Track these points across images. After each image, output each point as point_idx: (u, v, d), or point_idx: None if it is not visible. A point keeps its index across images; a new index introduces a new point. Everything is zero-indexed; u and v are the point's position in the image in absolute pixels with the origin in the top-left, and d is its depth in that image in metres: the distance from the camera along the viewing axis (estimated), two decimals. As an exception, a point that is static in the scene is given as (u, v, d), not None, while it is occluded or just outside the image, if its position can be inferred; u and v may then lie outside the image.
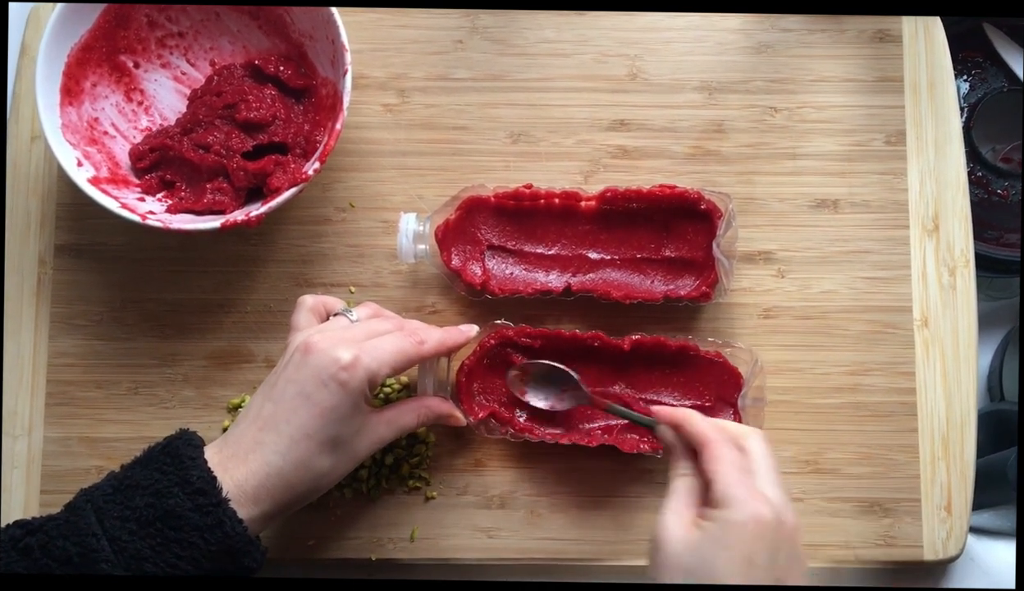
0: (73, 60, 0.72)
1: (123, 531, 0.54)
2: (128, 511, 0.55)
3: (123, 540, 0.54)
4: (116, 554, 0.53)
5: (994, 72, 0.86)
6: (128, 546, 0.54)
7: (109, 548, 0.53)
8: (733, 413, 0.70)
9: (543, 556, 0.72)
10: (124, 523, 0.54)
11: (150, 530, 0.54)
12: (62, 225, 0.77)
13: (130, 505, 0.55)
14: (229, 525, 0.55)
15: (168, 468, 0.56)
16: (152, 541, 0.54)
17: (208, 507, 0.55)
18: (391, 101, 0.78)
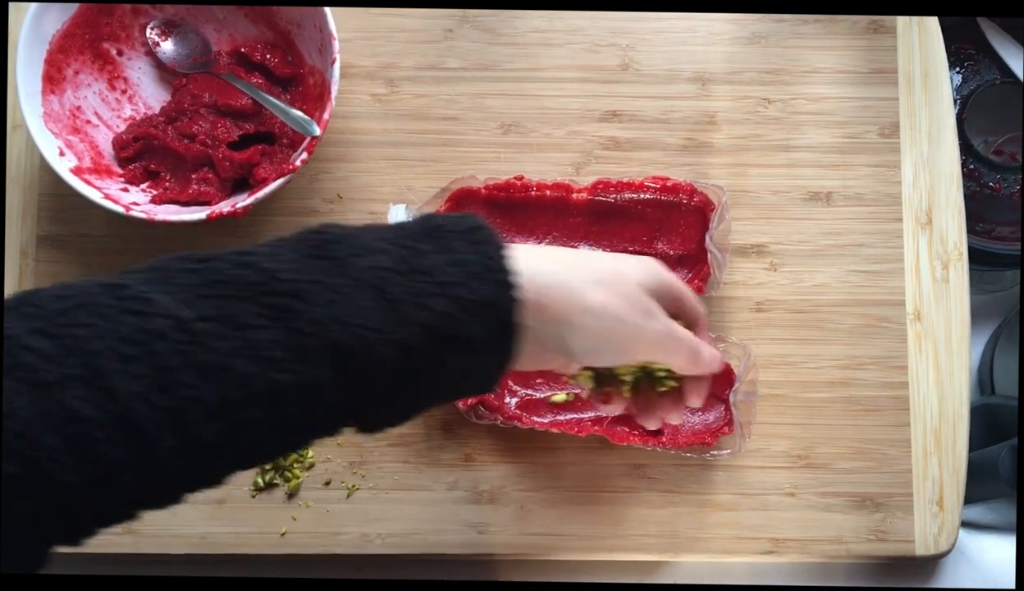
0: (55, 48, 0.71)
1: (405, 332, 0.43)
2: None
3: (406, 343, 0.43)
4: None
5: (987, 64, 0.86)
6: (408, 351, 0.43)
7: (389, 351, 0.43)
8: (725, 408, 0.69)
9: (534, 551, 0.72)
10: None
11: None
12: (44, 216, 0.76)
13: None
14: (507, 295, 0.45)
15: (470, 258, 0.45)
16: None
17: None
18: (380, 91, 0.77)
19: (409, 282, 0.43)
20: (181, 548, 0.72)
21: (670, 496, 0.72)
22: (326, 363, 0.41)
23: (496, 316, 0.45)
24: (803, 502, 0.72)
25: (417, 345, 0.43)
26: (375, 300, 0.42)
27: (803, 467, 0.72)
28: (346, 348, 0.41)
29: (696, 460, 0.72)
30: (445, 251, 0.45)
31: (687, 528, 0.72)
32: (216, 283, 0.41)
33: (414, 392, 0.46)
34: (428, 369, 0.45)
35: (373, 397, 0.44)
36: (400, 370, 0.43)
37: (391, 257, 0.44)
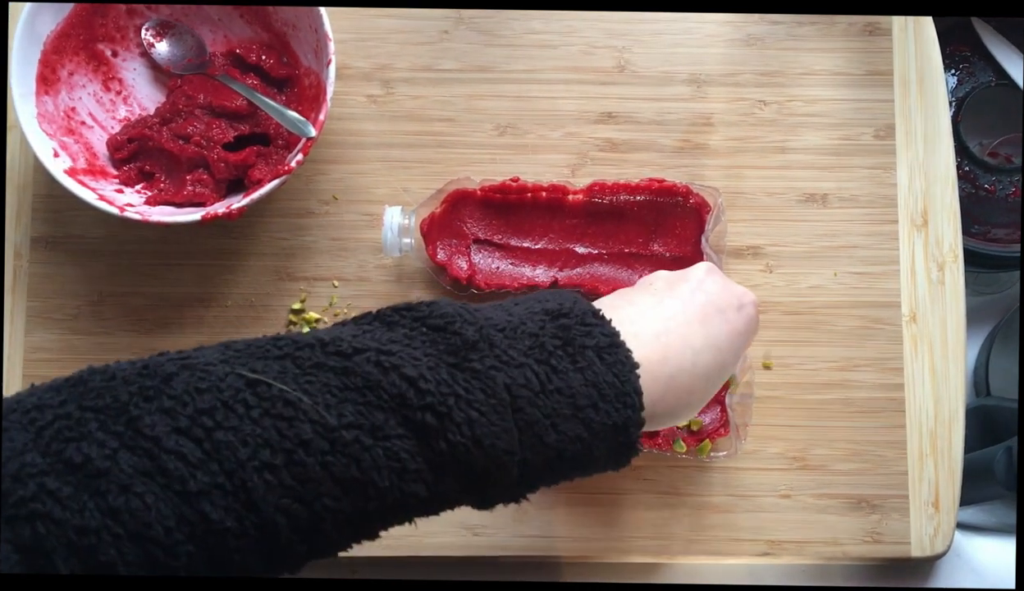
0: (49, 48, 0.70)
1: (535, 453, 0.44)
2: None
3: (533, 463, 0.44)
4: None
5: (982, 66, 0.86)
6: (535, 469, 0.45)
7: (517, 471, 0.44)
8: (721, 410, 0.69)
9: (530, 554, 0.71)
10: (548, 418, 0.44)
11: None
12: (38, 217, 0.75)
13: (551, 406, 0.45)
14: (634, 397, 0.46)
15: (604, 379, 0.46)
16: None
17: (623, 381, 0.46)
18: (375, 92, 0.77)
19: (545, 402, 0.44)
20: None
21: (666, 498, 0.72)
22: (457, 477, 0.42)
23: (622, 438, 0.46)
24: (799, 504, 0.72)
25: (543, 464, 0.44)
26: (511, 421, 0.43)
27: (799, 469, 0.72)
28: (479, 467, 0.42)
29: (692, 462, 0.72)
30: (580, 371, 0.45)
31: (683, 530, 0.72)
32: (361, 388, 0.41)
33: (526, 491, 0.46)
34: (548, 478, 0.46)
35: (489, 498, 0.45)
36: (522, 481, 0.45)
37: (529, 373, 0.44)
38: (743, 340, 0.54)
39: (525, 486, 0.45)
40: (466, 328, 0.44)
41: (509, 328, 0.45)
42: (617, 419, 0.45)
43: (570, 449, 0.44)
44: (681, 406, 0.50)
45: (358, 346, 0.42)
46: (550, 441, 0.44)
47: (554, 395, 0.44)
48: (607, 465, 0.47)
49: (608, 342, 0.46)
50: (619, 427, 0.45)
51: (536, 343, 0.45)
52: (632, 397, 0.46)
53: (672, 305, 0.52)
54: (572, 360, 0.45)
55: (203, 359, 0.41)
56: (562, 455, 0.44)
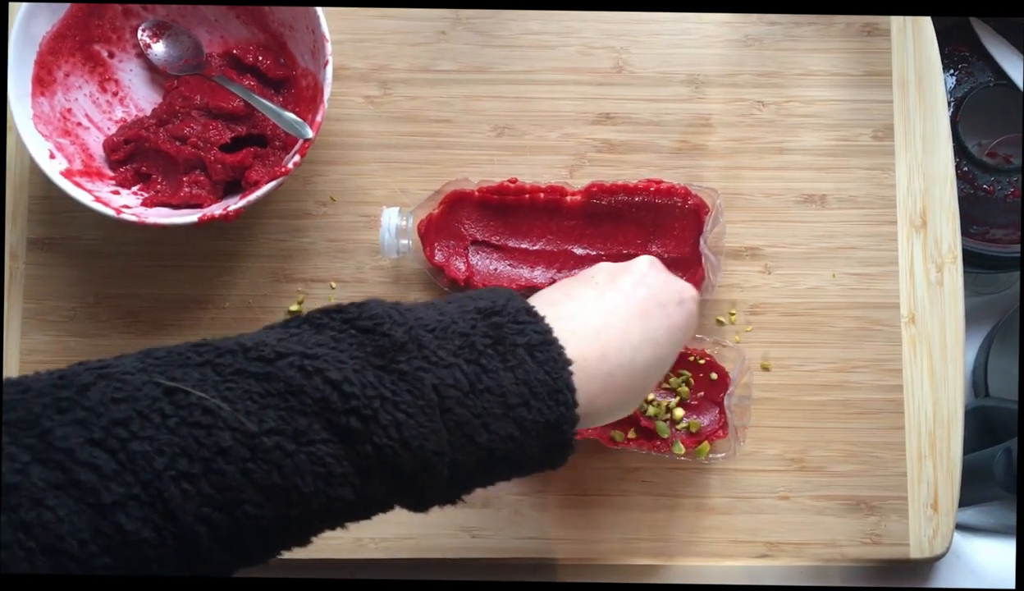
0: (45, 49, 0.70)
1: (466, 453, 0.44)
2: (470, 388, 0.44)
3: (464, 463, 0.44)
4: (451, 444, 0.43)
5: (980, 66, 0.86)
6: (466, 469, 0.44)
7: (447, 471, 0.43)
8: (719, 411, 0.69)
9: (528, 556, 0.71)
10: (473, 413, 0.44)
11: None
12: (34, 218, 0.75)
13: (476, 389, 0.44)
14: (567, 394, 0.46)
15: (535, 377, 0.45)
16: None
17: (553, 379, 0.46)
18: (373, 93, 0.77)
19: (475, 402, 0.43)
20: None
21: (664, 500, 0.72)
22: (385, 480, 0.42)
23: (555, 436, 0.46)
24: (797, 505, 0.72)
25: (474, 464, 0.44)
26: (439, 422, 0.42)
27: (797, 470, 0.72)
28: (407, 470, 0.42)
29: (690, 464, 0.72)
30: (510, 369, 0.45)
31: (681, 532, 0.71)
32: (282, 393, 0.40)
33: (460, 492, 0.46)
34: (480, 479, 0.46)
35: (423, 500, 0.45)
36: (453, 481, 0.44)
37: (458, 373, 0.43)
38: (682, 335, 0.54)
39: (458, 487, 0.45)
40: (395, 329, 0.43)
41: (439, 328, 0.45)
42: (550, 417, 0.45)
43: (502, 448, 0.44)
44: (619, 402, 0.50)
45: (281, 351, 0.41)
46: (481, 441, 0.43)
47: (484, 395, 0.44)
48: (543, 464, 0.47)
49: (540, 340, 0.46)
50: (552, 425, 0.45)
51: (466, 342, 0.45)
52: (564, 394, 0.45)
53: (613, 299, 0.51)
54: (503, 359, 0.45)
55: (121, 368, 0.40)
56: (494, 454, 0.44)
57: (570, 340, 0.47)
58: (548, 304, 0.50)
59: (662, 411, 0.69)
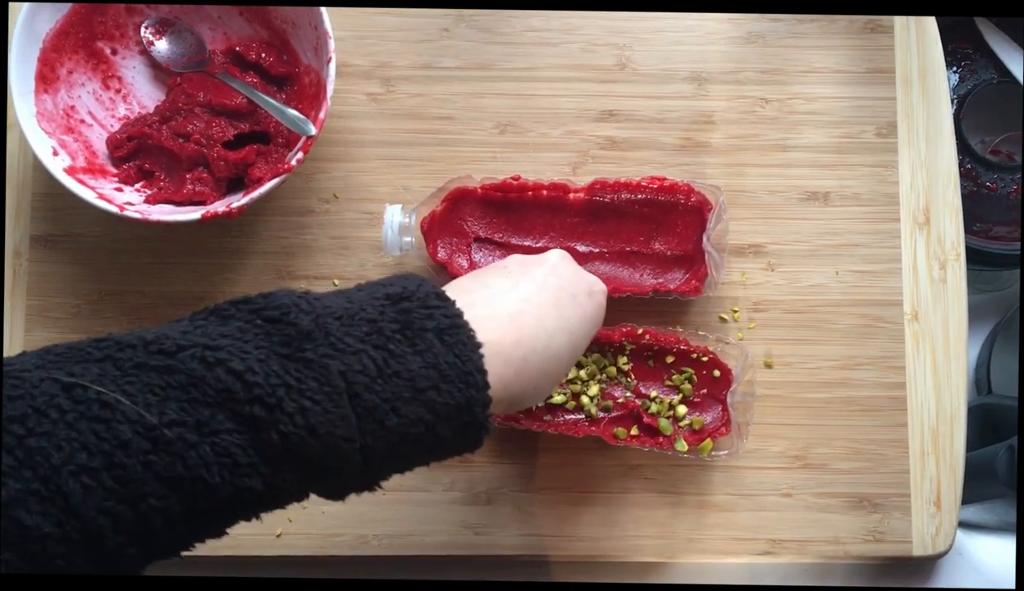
0: (49, 46, 0.70)
1: (376, 438, 0.43)
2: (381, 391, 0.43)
3: (375, 448, 0.43)
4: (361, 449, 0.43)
5: (984, 64, 0.86)
6: (378, 454, 0.43)
7: (358, 457, 0.43)
8: (722, 409, 0.69)
9: (530, 553, 0.71)
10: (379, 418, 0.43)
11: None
12: (37, 215, 0.75)
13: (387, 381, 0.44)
14: (480, 387, 0.46)
15: (444, 360, 0.45)
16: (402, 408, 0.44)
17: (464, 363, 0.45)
18: (376, 90, 0.77)
19: (383, 387, 0.43)
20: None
21: (667, 497, 0.72)
22: (295, 469, 0.41)
23: (467, 418, 0.45)
24: (800, 503, 0.72)
25: (386, 449, 0.43)
26: (348, 409, 0.42)
27: (800, 468, 0.72)
28: (315, 457, 0.41)
29: (693, 461, 0.72)
30: (419, 353, 0.44)
31: (684, 529, 0.71)
32: (184, 385, 0.40)
33: (379, 477, 0.46)
34: (393, 463, 0.45)
35: (337, 488, 0.45)
36: (366, 467, 0.43)
37: (365, 359, 0.43)
38: (593, 325, 0.55)
39: (372, 473, 0.44)
40: (301, 318, 0.43)
41: (347, 316, 0.44)
42: (460, 399, 0.44)
43: (413, 432, 0.44)
44: (533, 387, 0.50)
45: (183, 343, 0.41)
46: (391, 425, 0.43)
47: (393, 379, 0.43)
48: (457, 446, 0.47)
49: (449, 323, 0.46)
50: (463, 407, 0.45)
51: (374, 328, 0.44)
52: (475, 376, 0.45)
53: (527, 288, 0.52)
54: (411, 343, 0.44)
55: (19, 365, 0.40)
56: (405, 438, 0.43)
57: (486, 325, 0.47)
58: (462, 291, 0.50)
59: (665, 408, 0.69)
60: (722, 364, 0.70)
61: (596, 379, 0.70)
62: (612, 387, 0.70)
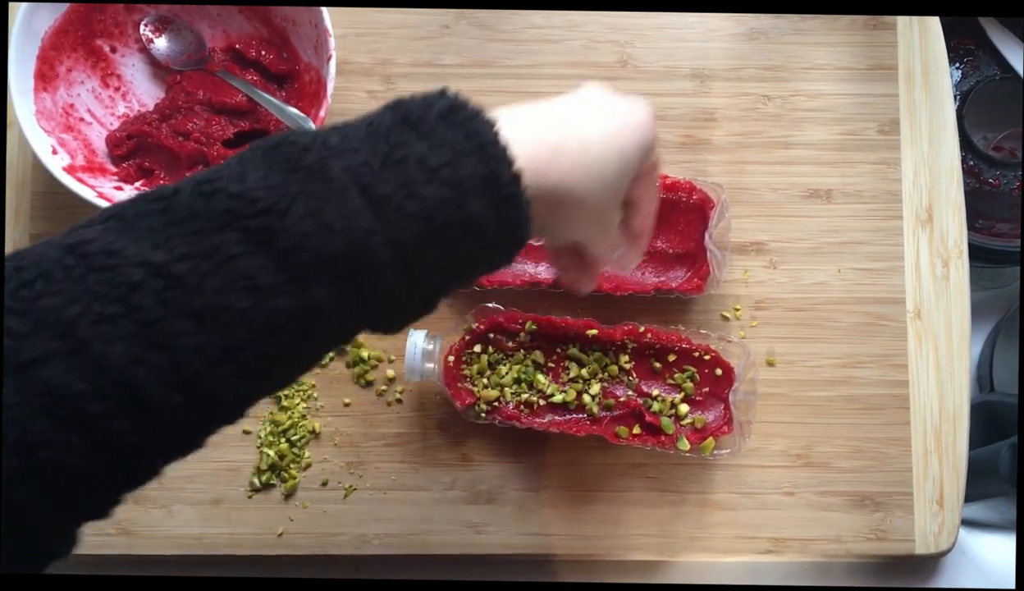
0: (47, 44, 0.70)
1: (400, 227, 0.40)
2: (404, 194, 0.40)
3: (403, 240, 0.40)
4: (393, 257, 0.40)
5: (986, 60, 0.86)
6: (407, 247, 0.40)
7: (387, 252, 0.40)
8: (724, 407, 0.69)
9: (532, 551, 0.71)
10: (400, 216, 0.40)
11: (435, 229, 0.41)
12: (37, 214, 0.75)
13: (406, 184, 0.40)
14: (522, 206, 0.43)
15: (454, 137, 0.42)
16: (436, 243, 0.41)
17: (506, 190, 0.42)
18: (376, 87, 0.76)
19: (394, 175, 0.40)
20: (175, 549, 0.71)
21: (669, 496, 0.72)
22: (323, 278, 0.39)
23: (495, 191, 0.41)
24: (802, 501, 0.72)
25: (414, 239, 0.40)
26: (360, 200, 0.39)
27: (803, 466, 0.72)
28: (339, 257, 0.39)
29: (695, 459, 0.71)
30: (425, 138, 0.41)
31: (686, 528, 0.71)
32: (184, 220, 0.38)
33: (423, 286, 0.42)
34: (432, 260, 0.41)
35: (380, 301, 0.41)
36: (401, 268, 0.40)
37: (366, 152, 0.40)
38: (638, 134, 0.48)
39: (413, 278, 0.41)
40: (300, 138, 0.41)
41: (345, 126, 0.42)
42: (483, 171, 0.41)
43: (440, 214, 0.40)
44: (579, 181, 0.45)
45: (180, 186, 0.39)
46: (412, 210, 0.40)
47: (401, 165, 0.40)
48: (499, 232, 0.42)
49: (448, 106, 0.42)
50: (489, 178, 0.41)
51: (372, 130, 0.41)
52: (491, 147, 0.41)
53: (554, 104, 0.47)
54: (414, 129, 0.41)
55: (24, 249, 0.39)
56: (432, 221, 0.40)
57: (508, 120, 0.43)
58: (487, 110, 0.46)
59: (667, 407, 0.69)
60: (724, 362, 0.69)
61: (598, 378, 0.70)
62: (614, 386, 0.70)
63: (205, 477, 0.72)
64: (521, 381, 0.69)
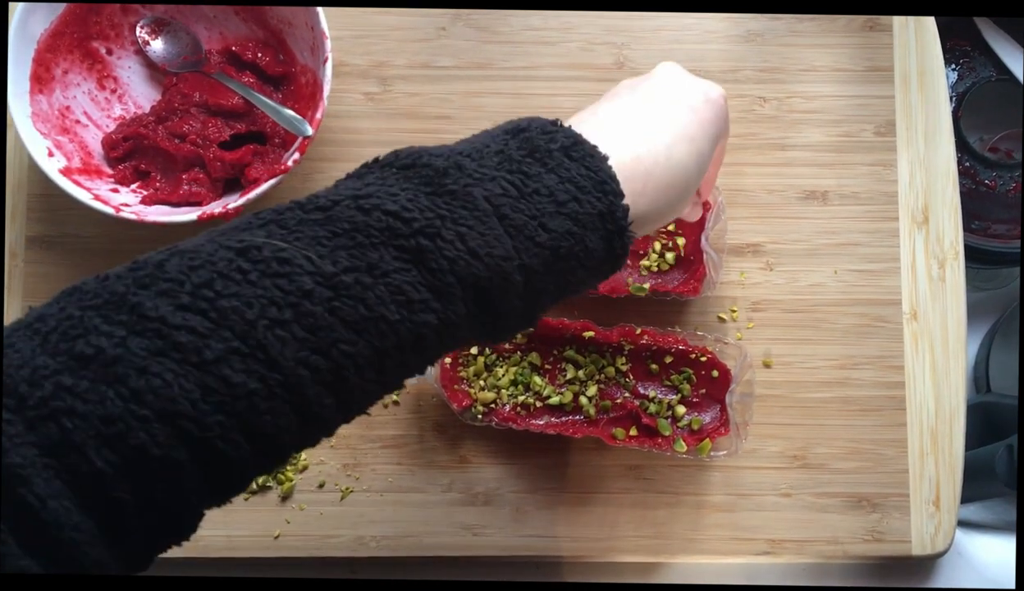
0: (43, 46, 0.70)
1: (531, 255, 0.44)
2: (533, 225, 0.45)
3: (532, 267, 0.44)
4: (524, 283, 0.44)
5: (982, 61, 0.86)
6: (535, 273, 0.45)
7: (519, 277, 0.44)
8: (721, 409, 0.69)
9: (529, 553, 0.71)
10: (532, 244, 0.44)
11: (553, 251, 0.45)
12: (33, 216, 0.75)
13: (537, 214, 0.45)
14: (620, 212, 0.47)
15: (577, 173, 0.46)
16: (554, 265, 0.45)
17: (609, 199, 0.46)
18: (373, 90, 0.76)
19: (528, 205, 0.44)
20: (172, 552, 0.71)
21: (665, 497, 0.72)
22: (463, 298, 0.42)
23: (610, 226, 0.46)
24: (799, 502, 0.72)
25: (541, 266, 0.44)
26: (499, 229, 0.43)
27: (799, 467, 0.72)
28: (482, 280, 0.42)
29: (692, 461, 0.71)
30: (552, 171, 0.46)
31: (683, 529, 0.71)
32: (347, 233, 0.41)
33: (538, 306, 0.47)
34: (552, 284, 0.46)
35: (502, 319, 0.45)
36: (527, 291, 0.44)
37: (503, 182, 0.44)
38: (714, 129, 0.53)
39: (532, 297, 0.45)
40: (434, 160, 0.44)
41: (474, 152, 0.46)
42: (601, 207, 0.46)
43: (564, 245, 0.45)
44: (663, 201, 0.50)
45: (335, 198, 0.42)
46: (542, 240, 0.44)
47: (534, 197, 0.45)
48: (607, 258, 0.47)
49: (571, 141, 0.47)
50: (605, 215, 0.46)
51: (504, 158, 0.46)
52: (609, 184, 0.46)
53: (636, 107, 0.52)
54: (542, 163, 0.46)
55: (189, 245, 0.41)
56: (558, 252, 0.45)
57: (611, 142, 0.48)
58: (575, 122, 0.51)
59: (663, 409, 0.69)
60: (721, 364, 0.69)
61: (594, 380, 0.70)
62: (610, 387, 0.70)
63: (202, 479, 0.71)
64: (518, 383, 0.69)
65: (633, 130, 0.50)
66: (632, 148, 0.49)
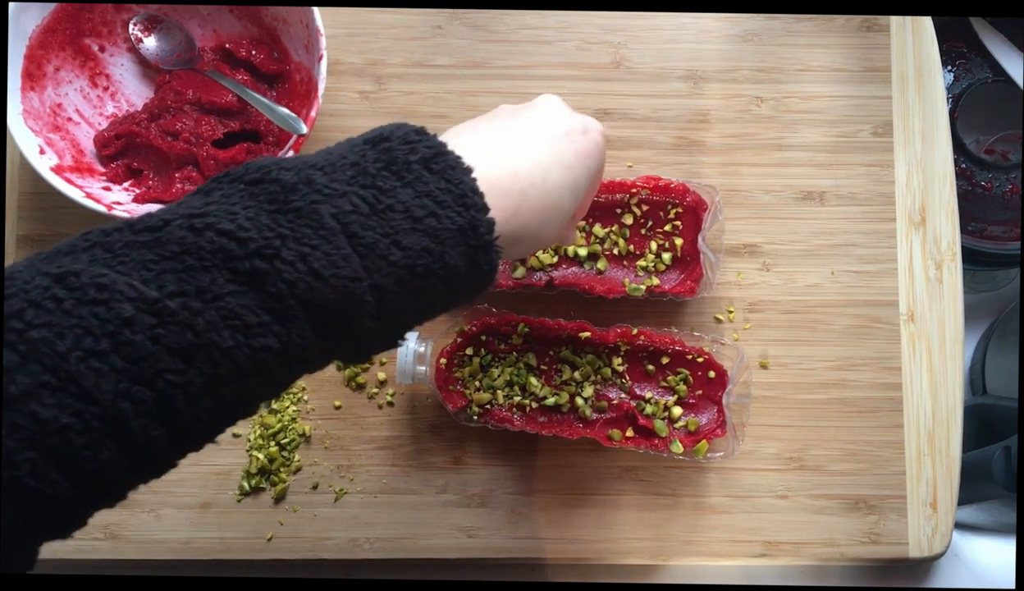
0: (35, 44, 0.69)
1: (384, 275, 0.42)
2: (389, 241, 0.43)
3: (385, 286, 0.42)
4: (377, 302, 0.42)
5: (978, 63, 0.86)
6: (388, 293, 0.43)
7: (370, 298, 0.42)
8: (718, 410, 0.69)
9: (525, 556, 0.71)
10: (386, 262, 0.42)
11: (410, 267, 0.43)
12: (24, 214, 0.74)
13: (391, 228, 0.43)
14: (485, 228, 0.45)
15: (436, 187, 0.44)
16: (412, 280, 0.43)
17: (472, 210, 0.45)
18: (367, 88, 0.76)
19: (380, 222, 0.42)
20: (164, 554, 0.70)
21: (662, 499, 0.71)
22: (307, 320, 0.40)
23: (473, 241, 0.44)
24: (796, 504, 0.71)
25: (395, 285, 0.42)
26: (347, 248, 0.41)
27: (796, 469, 0.72)
28: (327, 302, 0.40)
29: (688, 463, 0.71)
30: (408, 185, 0.44)
31: (679, 531, 0.71)
32: (175, 256, 0.39)
33: (398, 325, 0.45)
34: (410, 303, 0.44)
35: (357, 340, 0.43)
36: (382, 311, 0.42)
37: (354, 198, 0.42)
38: (592, 162, 0.53)
39: (389, 319, 0.43)
40: (283, 174, 0.42)
41: (328, 165, 0.43)
42: (462, 222, 0.44)
43: (421, 263, 0.43)
44: (537, 223, 0.49)
45: (168, 217, 0.40)
46: (396, 259, 0.42)
47: (387, 213, 0.42)
48: (472, 278, 0.45)
49: (433, 152, 0.45)
50: (466, 229, 0.44)
51: (358, 171, 0.43)
52: (470, 197, 0.44)
53: (518, 128, 0.51)
54: (399, 176, 0.44)
55: (9, 270, 0.38)
56: (414, 271, 0.43)
57: (482, 161, 0.46)
58: (452, 135, 0.50)
59: (660, 410, 0.69)
60: (717, 365, 0.69)
61: (590, 380, 0.69)
62: (607, 388, 0.70)
63: (194, 481, 0.71)
64: (513, 384, 0.69)
65: (514, 148, 0.49)
66: (511, 164, 0.48)
